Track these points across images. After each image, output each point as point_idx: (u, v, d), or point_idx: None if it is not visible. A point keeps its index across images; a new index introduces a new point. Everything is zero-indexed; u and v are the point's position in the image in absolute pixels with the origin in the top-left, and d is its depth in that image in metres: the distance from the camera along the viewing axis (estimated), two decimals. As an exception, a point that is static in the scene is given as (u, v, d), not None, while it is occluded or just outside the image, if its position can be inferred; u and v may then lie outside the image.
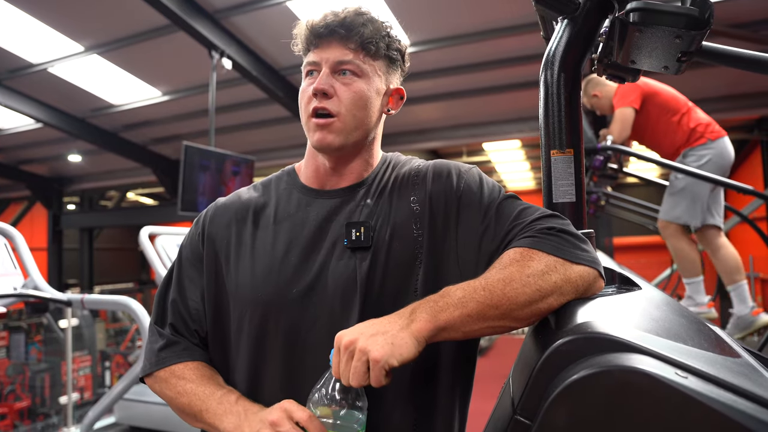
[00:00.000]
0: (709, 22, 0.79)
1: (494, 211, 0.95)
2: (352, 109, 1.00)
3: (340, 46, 0.99)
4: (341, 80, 1.00)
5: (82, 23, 5.79)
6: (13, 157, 11.12)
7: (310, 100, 1.00)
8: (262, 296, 0.98)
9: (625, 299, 0.85)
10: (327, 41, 1.00)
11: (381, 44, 1.02)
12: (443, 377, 0.97)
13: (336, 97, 0.99)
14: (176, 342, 1.03)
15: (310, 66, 1.02)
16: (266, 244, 1.02)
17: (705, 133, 3.21)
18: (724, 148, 3.21)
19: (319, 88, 0.98)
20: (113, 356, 6.56)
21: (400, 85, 1.11)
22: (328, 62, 0.99)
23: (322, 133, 0.99)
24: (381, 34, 1.02)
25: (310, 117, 1.00)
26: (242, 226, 1.06)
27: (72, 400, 3.22)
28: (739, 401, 0.52)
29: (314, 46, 1.02)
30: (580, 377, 0.57)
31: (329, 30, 0.99)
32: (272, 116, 8.14)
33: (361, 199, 1.03)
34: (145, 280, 15.42)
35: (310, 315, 0.95)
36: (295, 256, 0.99)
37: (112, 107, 8.10)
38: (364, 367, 0.73)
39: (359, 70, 1.00)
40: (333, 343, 0.87)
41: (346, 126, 1.00)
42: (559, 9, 0.99)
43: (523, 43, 5.74)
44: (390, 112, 1.10)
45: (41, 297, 2.83)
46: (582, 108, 1.06)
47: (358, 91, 1.00)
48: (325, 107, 0.99)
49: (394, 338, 0.74)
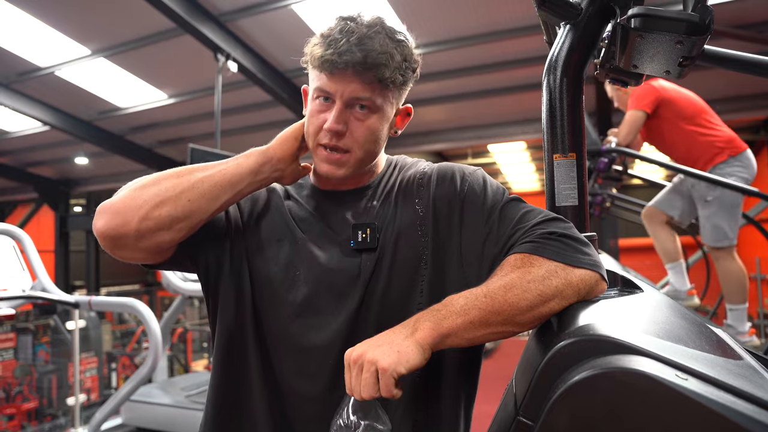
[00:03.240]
0: (710, 27, 0.80)
1: (497, 214, 0.95)
2: (364, 144, 0.98)
3: (358, 81, 0.94)
4: (354, 114, 0.97)
5: (89, 27, 5.83)
6: (21, 160, 11.21)
7: (321, 130, 0.98)
8: (268, 297, 0.99)
9: (626, 302, 0.85)
10: (343, 72, 0.93)
11: (398, 77, 0.96)
12: (446, 383, 0.97)
13: (349, 134, 0.97)
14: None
15: (323, 92, 0.97)
16: (278, 243, 1.03)
17: (726, 149, 3.10)
18: (749, 164, 3.11)
19: (332, 128, 0.95)
20: (119, 358, 6.59)
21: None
22: (343, 97, 0.95)
23: (333, 168, 0.99)
24: (401, 67, 0.97)
25: (319, 146, 0.99)
26: (260, 221, 1.06)
27: (79, 401, 3.24)
28: (739, 403, 0.52)
29: (328, 73, 0.94)
30: (581, 379, 0.58)
31: (348, 65, 0.92)
32: (277, 118, 8.17)
33: (367, 202, 1.04)
34: (151, 282, 15.45)
35: (316, 315, 0.97)
36: (302, 256, 1.00)
37: (118, 110, 8.15)
38: (373, 378, 0.74)
39: (374, 105, 0.97)
40: (339, 344, 0.88)
41: (356, 161, 0.99)
42: (561, 14, 1.00)
43: (528, 45, 5.75)
44: (397, 133, 1.08)
45: (49, 299, 2.85)
46: (585, 110, 1.06)
47: (371, 128, 0.98)
48: (338, 146, 0.97)
49: (399, 346, 0.75)
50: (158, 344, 2.66)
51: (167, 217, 0.91)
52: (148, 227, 0.90)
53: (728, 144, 3.12)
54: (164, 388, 4.32)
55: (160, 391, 4.23)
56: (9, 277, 2.89)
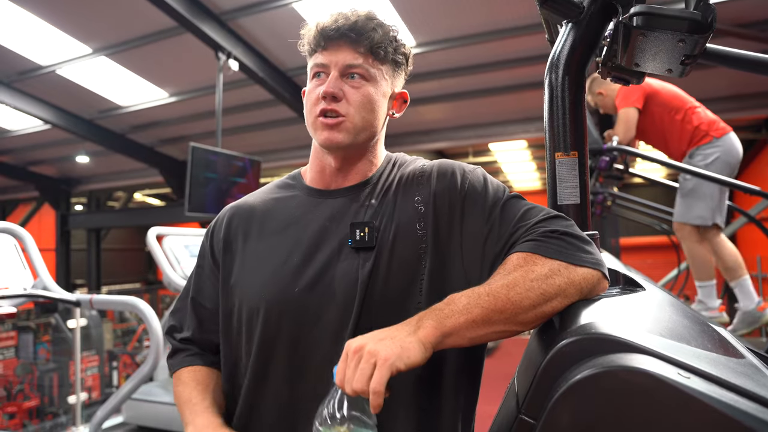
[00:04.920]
0: (712, 26, 0.80)
1: (498, 211, 0.95)
2: (360, 111, 1.01)
3: (350, 50, 1.00)
4: (350, 83, 1.01)
5: (89, 25, 5.83)
6: (22, 159, 11.22)
7: (318, 101, 1.01)
8: (265, 296, 0.99)
9: (628, 300, 0.85)
10: (336, 44, 1.00)
11: (389, 49, 1.03)
12: (449, 384, 0.96)
13: (345, 100, 1.00)
14: (182, 349, 1.11)
15: (317, 68, 1.03)
16: (272, 247, 1.04)
17: (710, 131, 3.18)
18: (732, 145, 3.18)
19: (329, 92, 0.99)
20: (120, 356, 6.60)
21: (404, 88, 1.12)
22: (338, 65, 1.00)
23: (331, 132, 1.00)
24: (389, 38, 1.03)
25: (317, 117, 1.01)
26: (249, 232, 1.08)
27: (80, 399, 3.24)
28: (741, 401, 0.52)
29: (323, 48, 1.02)
30: (583, 377, 0.58)
31: (340, 33, 0.99)
32: (279, 117, 8.17)
33: (365, 199, 1.04)
34: (152, 281, 15.48)
35: (312, 314, 0.96)
36: (298, 256, 1.00)
37: (119, 108, 8.16)
38: (370, 370, 0.73)
39: (367, 74, 1.01)
40: (336, 343, 0.87)
41: (354, 126, 1.01)
42: (563, 13, 0.99)
43: (529, 44, 5.74)
44: (394, 116, 1.11)
45: (51, 297, 2.85)
46: (587, 109, 1.06)
47: (366, 95, 1.01)
48: (335, 109, 1.00)
49: (402, 342, 0.74)
50: (159, 343, 2.66)
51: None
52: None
53: (710, 126, 3.21)
54: (165, 386, 4.33)
55: (162, 390, 4.24)
56: (10, 276, 2.89)
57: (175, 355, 1.12)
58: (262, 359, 0.99)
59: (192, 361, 1.09)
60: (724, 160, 3.14)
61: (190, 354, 1.10)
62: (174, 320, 1.15)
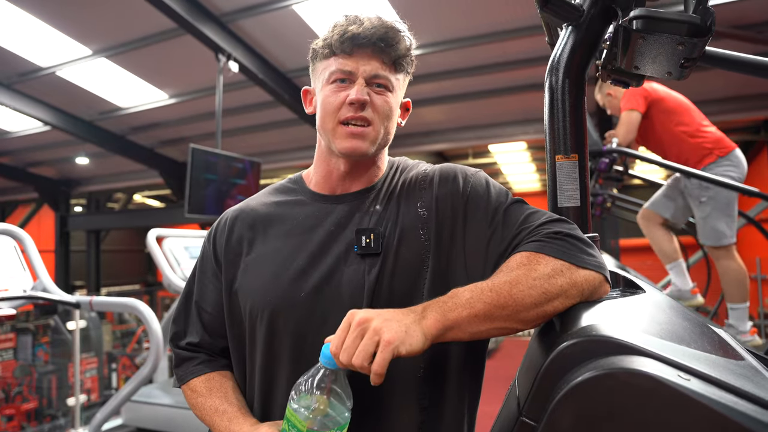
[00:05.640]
0: (711, 29, 0.80)
1: (501, 215, 0.95)
2: (384, 120, 1.01)
3: (378, 60, 1.00)
4: (374, 91, 1.00)
5: (90, 27, 5.84)
6: (21, 160, 11.21)
7: (340, 107, 1.00)
8: (271, 300, 0.99)
9: (629, 302, 0.85)
10: (364, 51, 0.99)
11: (408, 60, 1.04)
12: (451, 380, 0.97)
13: (371, 108, 1.00)
14: (189, 358, 1.09)
15: (341, 74, 1.00)
16: (277, 251, 1.03)
17: (714, 149, 3.12)
18: (740, 162, 3.14)
19: (360, 99, 0.98)
20: (120, 358, 6.59)
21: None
22: (365, 73, 0.99)
23: (356, 141, 0.99)
24: (409, 50, 1.04)
25: (340, 124, 1.00)
26: (253, 236, 1.08)
27: (79, 401, 3.24)
28: (740, 403, 0.53)
29: (347, 54, 1.00)
30: (584, 379, 0.58)
31: (371, 42, 0.98)
32: (279, 119, 8.16)
33: (370, 205, 1.04)
34: (152, 282, 15.46)
35: (317, 319, 0.96)
36: (303, 261, 1.00)
37: (119, 110, 8.16)
38: (372, 348, 0.74)
39: (390, 84, 1.02)
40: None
41: (377, 135, 1.01)
42: (563, 16, 1.00)
43: (529, 46, 5.75)
44: (401, 124, 1.12)
45: (50, 299, 2.85)
46: (587, 111, 1.07)
47: (389, 104, 1.02)
48: (363, 116, 0.99)
49: (407, 327, 0.75)
50: (159, 344, 2.66)
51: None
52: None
53: (716, 144, 3.15)
54: (165, 388, 4.32)
55: (161, 392, 4.24)
56: (10, 277, 2.89)
57: (183, 364, 1.09)
58: (269, 362, 0.99)
59: (202, 369, 1.07)
60: (736, 178, 3.08)
61: (199, 362, 1.08)
62: (176, 327, 1.13)
